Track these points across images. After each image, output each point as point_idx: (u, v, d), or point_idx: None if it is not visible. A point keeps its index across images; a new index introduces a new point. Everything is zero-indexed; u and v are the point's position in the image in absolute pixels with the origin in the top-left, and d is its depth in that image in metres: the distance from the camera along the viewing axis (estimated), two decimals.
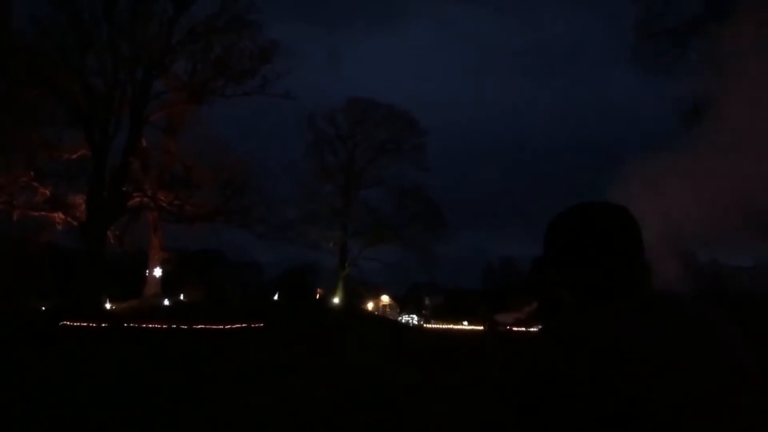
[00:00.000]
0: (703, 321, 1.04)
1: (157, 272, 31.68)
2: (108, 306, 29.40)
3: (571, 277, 1.12)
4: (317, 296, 47.62)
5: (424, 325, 62.37)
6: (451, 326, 61.24)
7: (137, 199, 28.28)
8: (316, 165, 44.74)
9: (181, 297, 34.33)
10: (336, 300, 42.85)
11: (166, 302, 31.41)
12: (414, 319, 68.95)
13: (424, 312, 74.08)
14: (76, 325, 18.20)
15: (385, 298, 71.73)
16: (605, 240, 1.10)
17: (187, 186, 27.94)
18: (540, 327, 1.13)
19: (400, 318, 66.88)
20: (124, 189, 26.90)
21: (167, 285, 34.17)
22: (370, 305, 64.83)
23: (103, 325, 19.13)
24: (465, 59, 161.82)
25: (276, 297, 42.62)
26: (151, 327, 20.26)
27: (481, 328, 56.95)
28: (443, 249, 59.11)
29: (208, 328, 21.73)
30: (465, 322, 65.47)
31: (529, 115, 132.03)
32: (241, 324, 23.84)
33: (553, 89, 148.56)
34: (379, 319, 47.60)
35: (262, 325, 24.93)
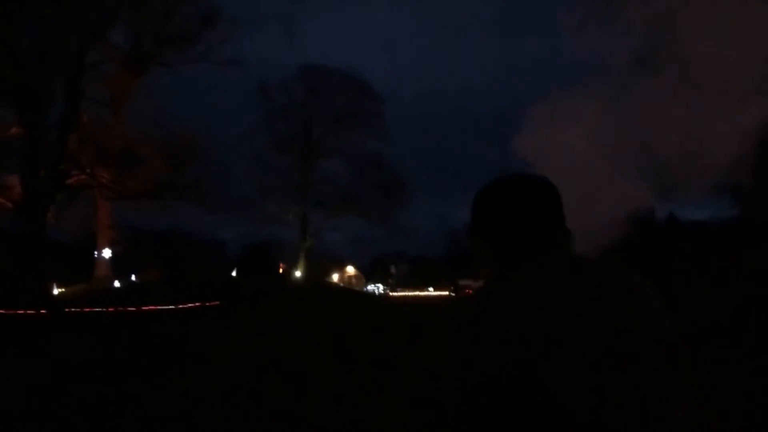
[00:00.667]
0: (621, 282, 1.07)
1: (107, 253, 30.27)
2: (55, 291, 28.05)
3: (497, 243, 1.17)
4: (280, 270, 46.84)
5: (390, 294, 62.67)
6: (417, 293, 61.68)
7: (76, 178, 26.65)
8: (272, 137, 43.42)
9: (133, 278, 33.07)
10: (298, 273, 42.14)
11: (117, 284, 30.16)
12: (380, 288, 69.22)
13: (390, 281, 74.33)
14: (8, 314, 16.95)
15: (350, 269, 71.46)
16: (527, 208, 1.15)
17: (130, 161, 26.42)
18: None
19: (365, 288, 66.93)
20: (61, 167, 25.28)
21: (122, 266, 32.81)
22: (335, 277, 64.57)
23: (42, 311, 17.96)
24: (425, 25, 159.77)
25: (234, 273, 41.63)
26: (95, 311, 19.20)
27: (447, 293, 57.65)
28: (406, 217, 59.02)
29: (158, 310, 20.80)
30: (430, 288, 66.06)
31: (492, 80, 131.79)
32: (195, 303, 22.99)
33: (515, 54, 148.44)
34: (342, 290, 47.31)
35: (217, 303, 24.17)
